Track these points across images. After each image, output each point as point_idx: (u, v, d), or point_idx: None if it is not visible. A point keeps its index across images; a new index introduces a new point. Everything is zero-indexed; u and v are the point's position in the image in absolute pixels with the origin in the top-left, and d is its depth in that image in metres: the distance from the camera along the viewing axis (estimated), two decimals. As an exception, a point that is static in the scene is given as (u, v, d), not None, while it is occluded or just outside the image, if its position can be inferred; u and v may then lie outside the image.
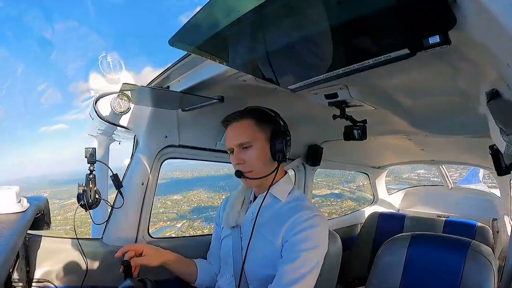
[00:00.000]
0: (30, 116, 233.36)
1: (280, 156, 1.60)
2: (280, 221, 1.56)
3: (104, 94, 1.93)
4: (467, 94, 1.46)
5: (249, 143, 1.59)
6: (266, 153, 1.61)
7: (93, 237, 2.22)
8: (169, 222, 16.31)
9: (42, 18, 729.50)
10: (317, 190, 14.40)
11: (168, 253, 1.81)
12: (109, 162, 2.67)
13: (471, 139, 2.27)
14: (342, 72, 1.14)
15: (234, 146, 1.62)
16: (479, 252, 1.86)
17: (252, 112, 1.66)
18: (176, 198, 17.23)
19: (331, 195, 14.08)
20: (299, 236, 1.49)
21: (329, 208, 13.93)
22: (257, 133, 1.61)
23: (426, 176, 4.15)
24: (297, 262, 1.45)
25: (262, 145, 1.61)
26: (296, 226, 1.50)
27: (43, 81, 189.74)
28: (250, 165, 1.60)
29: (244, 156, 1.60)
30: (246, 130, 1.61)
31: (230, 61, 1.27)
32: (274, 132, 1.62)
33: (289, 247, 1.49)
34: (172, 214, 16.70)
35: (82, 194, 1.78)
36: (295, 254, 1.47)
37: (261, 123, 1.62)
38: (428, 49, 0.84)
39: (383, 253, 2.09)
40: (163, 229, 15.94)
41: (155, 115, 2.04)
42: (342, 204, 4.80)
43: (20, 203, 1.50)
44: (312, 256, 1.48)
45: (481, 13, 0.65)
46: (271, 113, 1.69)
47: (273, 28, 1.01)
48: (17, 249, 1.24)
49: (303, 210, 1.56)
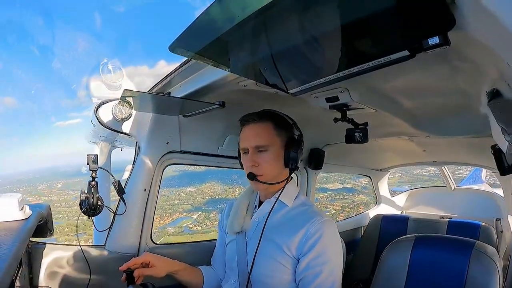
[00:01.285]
0: (46, 111, 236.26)
1: (293, 164, 1.61)
2: (291, 227, 1.57)
3: (106, 100, 1.94)
4: (468, 94, 1.46)
5: (265, 146, 1.59)
6: (279, 159, 1.61)
7: (96, 243, 2.22)
8: (185, 214, 16.37)
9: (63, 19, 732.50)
10: (330, 184, 14.55)
11: (175, 263, 1.77)
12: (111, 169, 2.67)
13: (473, 139, 2.27)
14: (342, 75, 1.15)
15: (250, 147, 1.62)
16: (483, 252, 1.85)
17: (271, 116, 1.65)
18: (189, 190, 17.31)
19: (343, 189, 14.20)
20: (316, 250, 1.50)
21: (342, 202, 14.12)
22: (274, 138, 1.61)
23: (437, 172, 4.18)
24: (322, 276, 1.47)
25: (277, 150, 1.61)
26: (309, 239, 1.51)
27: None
28: (263, 168, 1.60)
29: (258, 159, 1.60)
30: (264, 132, 1.61)
31: (230, 66, 1.27)
32: (290, 140, 1.63)
33: (310, 263, 1.50)
34: (187, 205, 16.77)
35: (84, 201, 1.78)
36: (318, 268, 1.49)
37: (279, 128, 1.63)
38: (428, 50, 0.84)
39: (387, 256, 2.08)
40: (179, 220, 16.04)
41: (157, 121, 2.04)
42: (354, 198, 4.84)
43: (23, 211, 1.50)
44: (333, 265, 1.51)
45: (480, 12, 0.66)
46: (289, 120, 1.69)
47: (273, 32, 1.01)
48: (20, 256, 1.24)
49: (313, 217, 1.56)
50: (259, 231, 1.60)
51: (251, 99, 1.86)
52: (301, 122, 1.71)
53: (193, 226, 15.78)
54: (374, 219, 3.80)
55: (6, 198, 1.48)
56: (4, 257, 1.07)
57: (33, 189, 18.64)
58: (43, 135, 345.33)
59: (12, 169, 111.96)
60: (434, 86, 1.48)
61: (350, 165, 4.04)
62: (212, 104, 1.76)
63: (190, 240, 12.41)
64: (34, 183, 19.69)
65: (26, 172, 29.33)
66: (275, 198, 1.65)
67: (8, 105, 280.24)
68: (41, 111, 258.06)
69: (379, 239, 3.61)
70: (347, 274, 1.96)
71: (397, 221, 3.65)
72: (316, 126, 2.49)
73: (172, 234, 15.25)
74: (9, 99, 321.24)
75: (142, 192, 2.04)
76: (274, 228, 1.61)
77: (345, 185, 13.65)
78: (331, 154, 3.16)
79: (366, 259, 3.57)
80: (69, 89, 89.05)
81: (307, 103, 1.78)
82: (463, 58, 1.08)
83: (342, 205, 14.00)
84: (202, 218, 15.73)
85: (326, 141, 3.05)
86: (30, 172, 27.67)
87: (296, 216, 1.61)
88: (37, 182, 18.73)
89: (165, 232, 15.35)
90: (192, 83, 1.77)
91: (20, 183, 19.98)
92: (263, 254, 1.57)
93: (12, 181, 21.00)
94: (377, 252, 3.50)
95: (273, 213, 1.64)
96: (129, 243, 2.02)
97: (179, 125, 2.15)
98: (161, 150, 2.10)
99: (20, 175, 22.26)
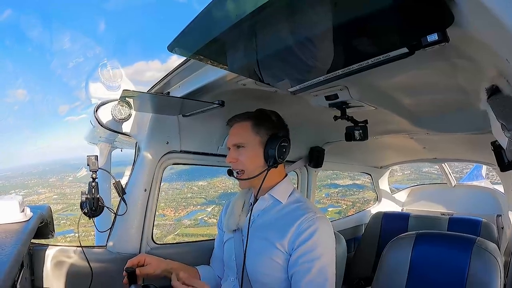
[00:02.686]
0: (58, 106, 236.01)
1: (270, 161, 1.64)
2: (284, 223, 1.58)
3: (105, 101, 1.94)
4: (467, 91, 1.46)
5: (243, 143, 1.66)
6: (258, 155, 1.66)
7: (97, 244, 2.22)
8: (199, 207, 16.50)
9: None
10: (340, 180, 14.72)
11: (169, 262, 1.81)
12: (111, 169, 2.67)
13: (472, 136, 2.26)
14: (341, 73, 1.15)
15: (230, 145, 1.70)
16: (484, 248, 1.85)
17: (253, 115, 1.70)
18: (201, 184, 17.43)
19: (353, 185, 14.35)
20: (308, 245, 1.50)
21: (352, 198, 14.31)
22: (252, 136, 1.66)
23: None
24: (312, 272, 1.48)
25: (255, 147, 1.66)
26: (301, 234, 1.52)
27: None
28: (241, 164, 1.66)
29: (236, 155, 1.67)
30: (242, 131, 1.68)
31: (229, 65, 1.27)
32: (271, 138, 1.66)
33: (300, 259, 1.51)
34: (201, 199, 16.92)
35: (85, 202, 1.78)
36: (308, 264, 1.49)
37: (259, 126, 1.67)
38: (427, 47, 0.84)
39: (388, 253, 2.08)
40: (194, 213, 16.17)
41: (156, 121, 2.04)
42: (364, 194, 4.88)
43: (24, 213, 1.51)
44: (325, 262, 1.51)
45: (478, 9, 0.65)
46: (274, 118, 1.72)
47: (272, 31, 1.01)
48: (21, 258, 1.24)
49: (306, 213, 1.58)
50: (254, 228, 1.64)
51: (250, 98, 1.86)
52: (301, 120, 1.72)
53: (208, 218, 15.88)
54: (375, 216, 3.81)
55: (7, 201, 1.48)
56: (5, 259, 1.07)
57: (45, 182, 18.66)
58: (54, 129, 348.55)
59: (22, 162, 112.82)
60: (433, 83, 1.48)
61: (350, 163, 4.05)
62: (211, 103, 1.76)
63: (191, 239, 12.48)
64: (45, 175, 19.72)
65: (36, 164, 29.40)
66: (268, 195, 1.69)
67: (20, 98, 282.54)
68: (53, 106, 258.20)
69: (380, 237, 3.61)
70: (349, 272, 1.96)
71: (398, 218, 3.66)
72: (316, 124, 2.50)
73: (188, 226, 15.38)
74: (21, 91, 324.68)
75: (143, 192, 2.04)
76: (268, 225, 1.63)
77: (354, 182, 13.87)
78: (331, 152, 3.16)
79: (367, 257, 3.57)
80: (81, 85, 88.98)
81: (306, 101, 1.78)
82: (462, 55, 1.08)
83: (353, 200, 14.19)
84: (216, 211, 15.88)
85: (326, 139, 3.05)
86: (40, 165, 27.73)
87: (289, 213, 1.63)
88: (48, 175, 18.79)
89: (182, 224, 15.51)
90: (191, 83, 1.77)
91: (31, 176, 20.02)
92: (257, 252, 1.59)
93: (22, 173, 21.04)
94: (378, 249, 3.51)
95: (268, 210, 1.68)
96: (130, 244, 2.02)
97: (179, 125, 2.15)
98: (161, 150, 2.10)
99: (30, 168, 22.23)
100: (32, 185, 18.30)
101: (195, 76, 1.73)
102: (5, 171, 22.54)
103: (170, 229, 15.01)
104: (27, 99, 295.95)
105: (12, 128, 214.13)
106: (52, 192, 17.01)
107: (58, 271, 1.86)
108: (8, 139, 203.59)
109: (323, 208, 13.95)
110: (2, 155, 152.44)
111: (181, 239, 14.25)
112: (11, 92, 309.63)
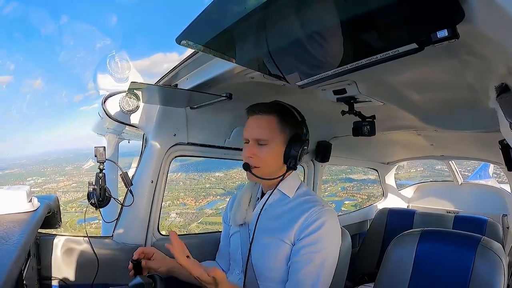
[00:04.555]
0: (72, 96, 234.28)
1: (292, 162, 1.58)
2: (291, 217, 1.56)
3: (113, 93, 1.95)
4: (476, 89, 1.44)
5: (266, 141, 1.57)
6: (279, 155, 1.59)
7: (104, 235, 2.24)
8: (219, 197, 16.65)
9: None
10: (355, 175, 14.96)
11: (175, 261, 1.79)
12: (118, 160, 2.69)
13: (480, 134, 2.25)
14: (350, 67, 1.14)
15: (251, 138, 1.60)
16: (489, 248, 1.85)
17: (278, 109, 1.61)
18: (218, 175, 17.60)
19: (367, 180, 14.52)
20: (313, 237, 1.49)
21: (367, 191, 14.68)
22: (277, 133, 1.58)
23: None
24: (312, 265, 1.46)
25: (278, 146, 1.58)
26: (308, 226, 1.50)
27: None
28: (260, 161, 1.58)
29: (257, 151, 1.58)
30: (267, 126, 1.58)
31: (237, 58, 1.27)
32: (294, 137, 1.60)
33: (303, 249, 1.49)
34: (219, 189, 17.09)
35: (92, 192, 1.79)
36: (310, 255, 1.48)
37: (284, 124, 1.59)
38: (436, 44, 0.83)
39: (392, 249, 2.08)
40: (214, 203, 16.39)
41: (164, 113, 2.05)
42: (378, 188, 4.92)
43: (31, 203, 1.52)
44: (327, 255, 1.50)
45: (489, 5, 0.65)
46: (298, 117, 1.65)
47: (280, 24, 1.00)
48: (28, 248, 1.25)
49: (313, 205, 1.56)
50: (261, 222, 1.61)
51: (258, 91, 1.86)
52: (309, 114, 1.71)
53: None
54: (380, 212, 3.80)
55: (15, 190, 1.49)
56: (13, 249, 1.08)
57: (61, 170, 18.80)
58: (67, 118, 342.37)
59: (35, 151, 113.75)
60: (442, 80, 1.46)
61: (357, 158, 4.04)
62: (219, 96, 1.76)
63: (214, 228, 12.57)
64: (60, 164, 19.89)
65: (49, 152, 29.63)
66: (276, 189, 1.64)
67: (36, 87, 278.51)
68: (67, 96, 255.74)
69: (385, 233, 3.62)
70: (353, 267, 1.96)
71: (403, 215, 3.65)
72: (323, 119, 2.49)
73: (210, 215, 15.56)
74: (38, 81, 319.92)
75: (150, 184, 2.05)
76: (275, 219, 1.61)
77: (368, 176, 14.11)
78: (338, 147, 3.16)
79: (371, 253, 3.58)
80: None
81: (314, 95, 1.78)
82: (472, 52, 1.07)
83: (368, 194, 14.44)
84: None
85: (333, 134, 3.04)
86: (54, 153, 27.95)
87: (297, 206, 1.60)
88: (63, 163, 18.98)
89: (203, 213, 15.71)
90: (199, 75, 1.77)
91: (46, 164, 20.20)
92: (264, 247, 1.58)
93: (36, 161, 21.22)
94: (383, 245, 3.51)
95: (276, 205, 1.65)
96: (136, 235, 2.04)
97: (186, 117, 2.16)
98: (168, 142, 2.11)
99: (44, 156, 22.37)
100: (49, 173, 18.45)
101: (203, 68, 1.73)
102: (20, 159, 22.73)
103: (193, 218, 15.19)
104: (43, 88, 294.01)
105: (27, 117, 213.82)
106: (70, 180, 17.14)
107: (65, 261, 1.88)
108: (23, 128, 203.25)
109: (339, 201, 14.34)
110: (18, 144, 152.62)
111: (204, 227, 14.50)
112: (27, 81, 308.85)
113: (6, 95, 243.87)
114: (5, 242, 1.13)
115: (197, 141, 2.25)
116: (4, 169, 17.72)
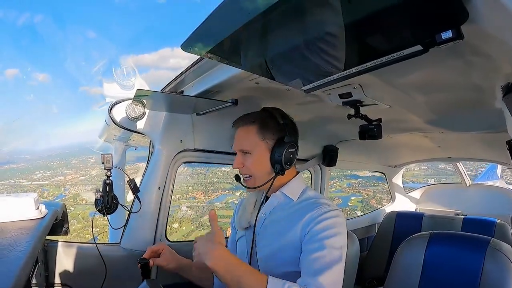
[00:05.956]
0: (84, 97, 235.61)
1: (277, 167, 1.60)
2: (295, 218, 1.55)
3: (119, 100, 1.96)
4: (482, 89, 1.44)
5: (247, 150, 1.61)
6: (265, 161, 1.61)
7: (111, 241, 2.25)
8: (227, 191, 16.71)
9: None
10: (360, 172, 14.97)
11: (184, 259, 1.82)
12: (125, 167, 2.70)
13: (488, 135, 2.24)
14: (355, 71, 1.14)
15: (237, 150, 1.65)
16: (498, 250, 1.83)
17: (258, 118, 1.63)
18: (225, 170, 17.73)
19: (373, 177, 14.53)
20: (320, 226, 1.47)
21: (372, 188, 14.58)
22: (258, 141, 1.60)
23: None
24: (323, 251, 1.42)
25: (262, 153, 1.60)
26: (316, 217, 1.49)
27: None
28: (249, 170, 1.63)
29: (243, 160, 1.63)
30: (247, 136, 1.61)
31: (243, 64, 1.27)
32: (277, 142, 1.61)
33: (311, 238, 1.47)
34: (227, 184, 17.15)
35: (99, 199, 1.80)
36: (318, 243, 1.44)
37: (265, 131, 1.61)
38: (441, 45, 0.82)
39: (401, 253, 2.07)
40: (224, 197, 16.42)
41: (170, 119, 2.05)
42: (384, 186, 4.87)
43: (39, 210, 1.53)
44: (335, 243, 1.45)
45: (494, 5, 0.65)
46: (280, 119, 1.65)
47: (285, 29, 1.01)
48: (36, 254, 1.26)
49: (321, 205, 1.54)
50: (265, 225, 1.63)
51: (263, 96, 1.86)
52: (315, 118, 1.71)
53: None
54: (388, 216, 3.78)
55: (23, 198, 1.51)
56: (20, 255, 1.09)
57: (68, 163, 18.82)
58: (78, 116, 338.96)
59: (40, 146, 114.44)
60: (448, 81, 1.46)
61: (364, 162, 4.02)
62: (225, 102, 1.77)
63: (226, 220, 12.57)
64: (66, 158, 20.01)
65: (55, 148, 29.74)
66: (280, 192, 1.66)
67: (43, 81, 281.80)
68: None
69: (393, 236, 3.60)
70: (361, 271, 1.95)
71: (412, 218, 3.63)
72: (329, 123, 2.49)
73: (221, 208, 15.63)
74: (43, 75, 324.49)
75: (157, 190, 2.06)
76: (279, 222, 1.61)
77: (374, 174, 14.29)
78: (345, 151, 3.14)
79: (380, 256, 3.56)
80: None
81: (320, 99, 1.78)
82: (477, 52, 1.07)
83: (373, 190, 14.39)
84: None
85: (339, 138, 3.04)
86: (59, 148, 28.06)
87: (302, 208, 1.59)
88: (69, 157, 19.08)
89: (214, 207, 15.78)
90: (205, 82, 1.78)
91: (51, 158, 20.30)
92: (269, 248, 1.59)
93: (42, 156, 21.33)
94: (391, 249, 3.49)
95: (280, 207, 1.65)
96: (144, 241, 2.03)
97: (193, 124, 2.16)
98: (174, 149, 2.11)
99: (50, 151, 22.43)
100: (56, 167, 18.53)
101: (208, 74, 1.74)
102: (25, 154, 22.82)
103: (204, 211, 15.25)
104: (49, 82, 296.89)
105: (36, 111, 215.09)
106: (77, 173, 17.19)
107: (72, 267, 1.89)
108: (34, 123, 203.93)
109: (346, 197, 14.26)
110: (29, 139, 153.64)
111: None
112: (35, 75, 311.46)
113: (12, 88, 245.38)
114: (13, 249, 1.14)
115: (204, 147, 2.25)
116: (10, 163, 17.76)
